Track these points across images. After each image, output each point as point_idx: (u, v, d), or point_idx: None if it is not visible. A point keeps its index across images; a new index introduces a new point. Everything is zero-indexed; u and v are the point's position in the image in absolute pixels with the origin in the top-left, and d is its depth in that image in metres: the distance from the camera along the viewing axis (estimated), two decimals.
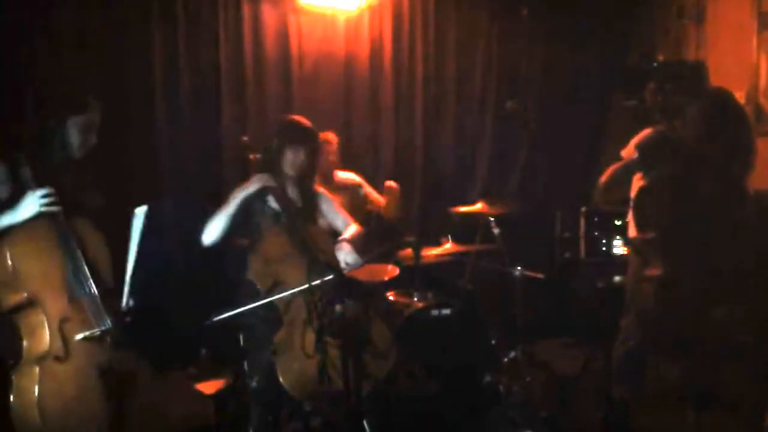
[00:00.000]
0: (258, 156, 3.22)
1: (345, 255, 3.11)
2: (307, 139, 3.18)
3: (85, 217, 2.68)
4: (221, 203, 4.09)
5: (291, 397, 2.88)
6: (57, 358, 2.46)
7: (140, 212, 2.53)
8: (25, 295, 2.47)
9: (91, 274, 2.56)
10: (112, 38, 4.09)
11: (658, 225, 3.13)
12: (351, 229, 3.28)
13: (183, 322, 4.32)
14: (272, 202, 3.15)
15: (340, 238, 3.22)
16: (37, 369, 2.42)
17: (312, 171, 3.28)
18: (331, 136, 4.16)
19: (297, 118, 3.29)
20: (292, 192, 3.20)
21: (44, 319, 2.49)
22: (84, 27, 4.04)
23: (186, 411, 3.68)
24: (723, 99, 3.15)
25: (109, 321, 2.54)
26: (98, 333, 2.52)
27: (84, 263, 2.55)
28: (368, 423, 2.99)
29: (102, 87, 4.08)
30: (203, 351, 4.18)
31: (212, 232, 3.07)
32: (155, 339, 2.78)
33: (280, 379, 2.83)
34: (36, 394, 2.39)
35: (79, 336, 2.51)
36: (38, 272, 2.51)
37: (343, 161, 4.54)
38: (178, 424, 3.53)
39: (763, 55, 4.35)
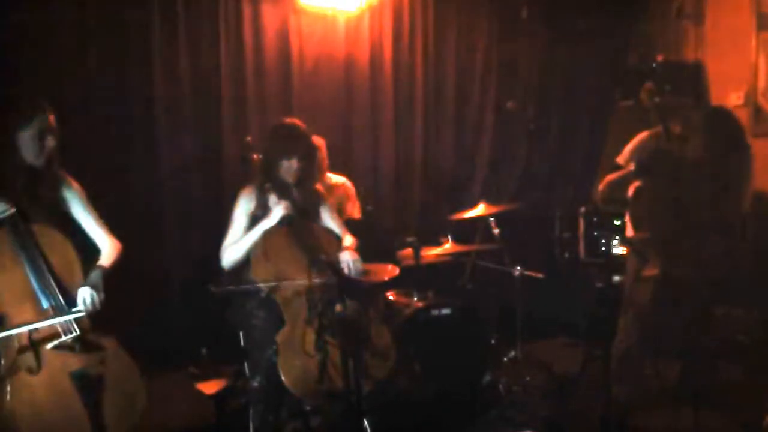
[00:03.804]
0: (260, 156, 3.23)
1: (351, 262, 3.12)
2: (299, 147, 3.18)
3: (49, 224, 2.63)
4: (222, 204, 4.12)
5: (292, 396, 2.89)
6: (29, 370, 2.42)
7: None
8: None
9: (56, 282, 2.53)
10: (112, 38, 4.10)
11: (654, 225, 3.15)
12: (349, 239, 3.30)
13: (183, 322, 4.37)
14: (274, 204, 3.17)
15: (344, 246, 3.23)
16: (8, 384, 2.39)
17: (310, 173, 3.30)
18: (318, 141, 4.12)
19: (288, 123, 3.27)
20: (293, 193, 3.21)
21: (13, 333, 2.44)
22: (84, 27, 4.04)
23: (186, 411, 3.69)
24: (722, 120, 3.20)
25: (77, 327, 2.51)
26: (68, 341, 2.48)
27: (48, 272, 2.52)
28: (369, 423, 3.00)
29: (102, 87, 4.10)
30: (203, 351, 4.19)
31: (232, 257, 3.09)
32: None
33: (282, 378, 2.84)
34: (9, 408, 2.36)
35: (50, 345, 2.46)
36: (2, 287, 2.47)
37: (343, 161, 4.55)
38: (178, 424, 3.55)
39: (762, 56, 4.36)
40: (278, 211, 3.06)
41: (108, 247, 2.82)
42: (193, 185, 4.39)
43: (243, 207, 3.14)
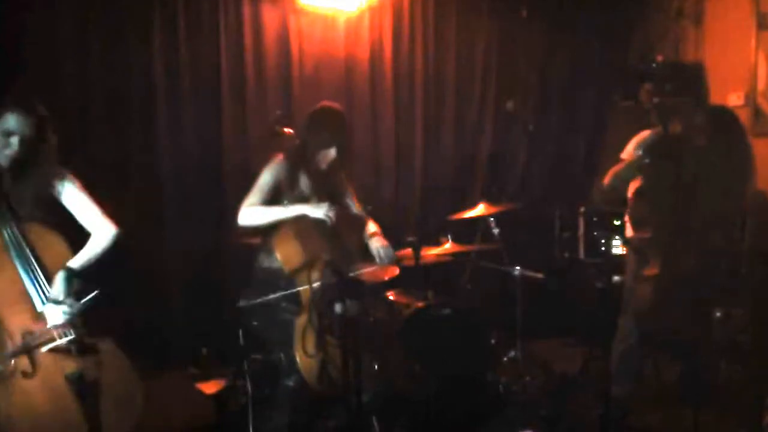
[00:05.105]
0: (291, 131, 3.19)
1: (381, 249, 3.11)
2: (338, 136, 3.12)
3: (40, 222, 2.62)
4: (222, 203, 4.11)
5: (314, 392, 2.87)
6: (24, 374, 2.42)
7: None
8: None
9: (50, 282, 2.53)
10: (112, 38, 4.10)
11: (654, 224, 3.15)
12: (374, 226, 3.29)
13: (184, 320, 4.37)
14: (303, 187, 3.11)
15: (371, 232, 3.21)
16: (4, 387, 2.39)
17: (345, 160, 3.22)
18: None
19: (328, 109, 3.22)
20: (324, 179, 3.16)
21: (7, 335, 2.45)
22: (84, 26, 4.05)
23: (186, 411, 3.69)
24: (723, 119, 3.20)
25: (73, 330, 2.49)
26: (63, 343, 2.47)
27: (41, 273, 2.51)
28: (378, 422, 2.99)
29: (102, 87, 4.10)
30: (203, 351, 4.20)
31: (252, 221, 3.01)
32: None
33: (299, 365, 2.82)
34: (6, 412, 2.36)
35: (44, 348, 2.45)
36: None
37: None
38: (178, 424, 3.55)
39: (762, 56, 4.36)
40: (321, 211, 2.99)
41: (95, 239, 2.74)
42: (193, 185, 4.39)
43: (271, 175, 3.08)
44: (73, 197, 2.74)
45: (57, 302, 2.53)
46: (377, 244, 3.12)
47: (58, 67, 3.97)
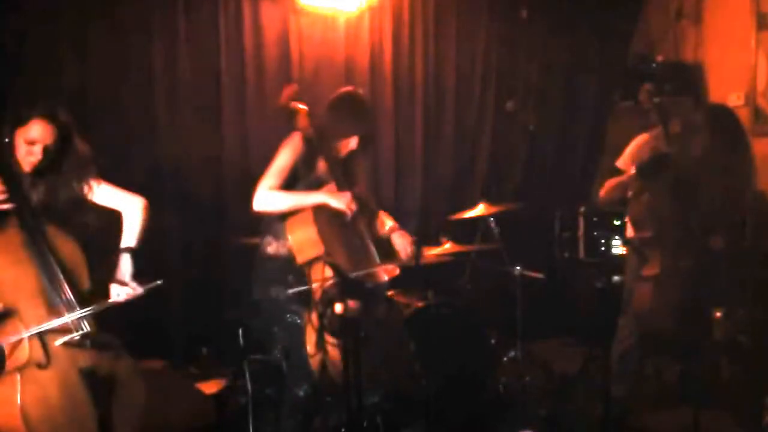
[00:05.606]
0: (305, 107, 3.07)
1: (405, 244, 3.09)
2: (360, 125, 3.03)
3: (56, 225, 2.68)
4: (222, 204, 4.09)
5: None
6: (38, 365, 2.47)
7: None
8: (1, 305, 2.48)
9: (67, 281, 2.58)
10: (112, 39, 4.10)
11: (654, 224, 3.16)
12: (390, 221, 3.25)
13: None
14: (320, 172, 3.02)
15: (390, 227, 3.20)
16: (18, 377, 2.43)
17: (366, 148, 3.12)
18: None
19: (350, 95, 3.13)
20: (340, 165, 3.06)
21: (22, 327, 2.50)
22: (84, 27, 4.05)
23: (186, 411, 3.69)
24: (723, 117, 3.20)
25: (87, 324, 2.55)
26: (77, 337, 2.53)
27: (59, 270, 2.57)
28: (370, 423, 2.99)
29: (102, 87, 4.10)
30: (203, 351, 4.20)
31: (269, 205, 2.87)
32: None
33: (311, 368, 2.81)
34: (19, 403, 2.39)
35: (59, 341, 2.51)
36: (12, 282, 2.53)
37: None
38: (178, 423, 3.56)
39: (762, 56, 4.36)
40: (343, 201, 2.87)
41: (129, 214, 2.83)
42: (193, 186, 4.39)
43: (289, 155, 2.93)
44: (100, 191, 2.83)
45: (122, 283, 2.66)
46: (400, 240, 3.07)
47: (57, 66, 3.96)
